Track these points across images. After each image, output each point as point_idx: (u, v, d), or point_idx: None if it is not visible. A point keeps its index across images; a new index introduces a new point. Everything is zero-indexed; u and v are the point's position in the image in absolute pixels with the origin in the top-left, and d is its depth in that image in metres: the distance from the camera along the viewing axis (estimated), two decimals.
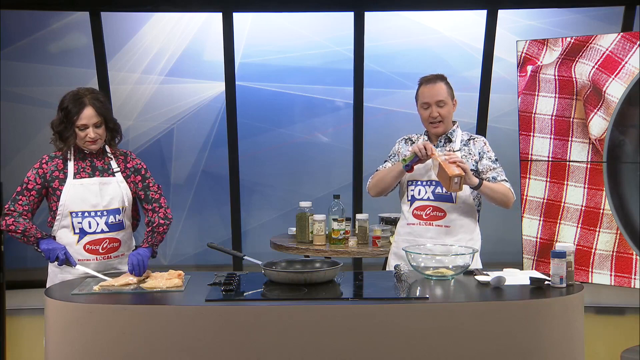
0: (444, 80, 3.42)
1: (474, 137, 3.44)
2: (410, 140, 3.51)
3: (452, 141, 3.38)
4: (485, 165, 3.36)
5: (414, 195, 3.36)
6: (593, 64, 4.22)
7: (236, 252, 3.30)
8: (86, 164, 3.04)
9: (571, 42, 4.28)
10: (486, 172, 3.34)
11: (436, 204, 3.31)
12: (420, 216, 3.34)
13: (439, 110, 3.33)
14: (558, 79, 4.34)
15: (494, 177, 3.33)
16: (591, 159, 4.29)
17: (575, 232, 4.34)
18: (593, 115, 4.25)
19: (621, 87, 4.13)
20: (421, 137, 3.47)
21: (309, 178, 5.88)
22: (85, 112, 2.95)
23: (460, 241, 3.27)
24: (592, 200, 4.29)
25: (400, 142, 3.54)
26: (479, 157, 3.37)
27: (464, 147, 3.38)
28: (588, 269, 4.33)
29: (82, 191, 2.99)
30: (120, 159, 3.11)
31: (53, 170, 3.00)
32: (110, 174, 3.06)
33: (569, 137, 4.34)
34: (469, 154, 3.37)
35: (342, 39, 5.67)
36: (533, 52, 4.42)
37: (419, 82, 3.45)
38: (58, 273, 3.00)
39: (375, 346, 2.42)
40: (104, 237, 3.02)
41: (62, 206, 2.97)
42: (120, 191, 3.05)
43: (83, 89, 3.03)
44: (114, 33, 5.59)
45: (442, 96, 3.34)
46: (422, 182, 3.35)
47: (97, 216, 3.00)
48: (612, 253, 4.24)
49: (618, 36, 4.15)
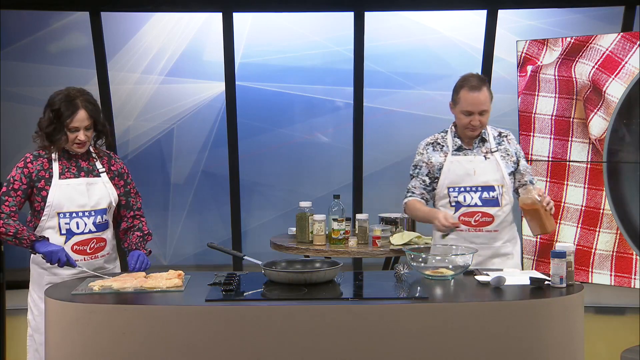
0: (486, 84, 3.25)
1: (503, 133, 3.34)
2: (438, 144, 3.33)
3: (486, 141, 3.29)
4: (523, 167, 3.30)
5: (459, 201, 3.25)
6: (593, 64, 4.22)
7: (236, 252, 3.30)
8: (71, 164, 2.99)
9: (571, 42, 4.29)
10: (524, 176, 3.30)
11: (485, 210, 3.23)
12: (468, 222, 3.24)
13: (481, 118, 3.20)
14: (558, 79, 4.34)
15: (530, 181, 3.30)
16: (591, 159, 4.29)
17: (575, 232, 4.34)
18: (593, 115, 4.25)
19: (621, 87, 4.13)
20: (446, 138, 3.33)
21: (309, 178, 5.87)
22: (79, 115, 2.90)
23: (507, 243, 3.26)
24: (592, 200, 4.29)
25: (426, 149, 3.36)
26: (517, 158, 3.30)
27: (499, 146, 3.28)
28: (588, 269, 4.33)
29: (69, 191, 2.95)
30: (104, 160, 3.08)
31: (39, 170, 2.94)
32: (96, 175, 3.02)
33: (569, 137, 4.34)
34: (507, 154, 3.28)
35: (342, 39, 5.67)
36: (533, 52, 4.42)
37: (460, 84, 3.25)
38: (45, 275, 2.95)
39: (375, 346, 2.42)
40: (91, 237, 2.99)
41: (48, 207, 2.91)
42: (107, 191, 3.03)
43: (73, 90, 2.96)
44: (114, 33, 5.59)
45: (486, 105, 3.21)
46: (467, 187, 3.24)
47: (84, 216, 2.96)
48: (612, 253, 4.24)
49: (618, 36, 4.15)
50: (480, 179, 3.24)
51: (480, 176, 3.24)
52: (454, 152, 3.29)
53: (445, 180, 3.27)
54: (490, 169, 3.25)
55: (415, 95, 5.77)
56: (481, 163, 3.25)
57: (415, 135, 5.86)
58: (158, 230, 5.92)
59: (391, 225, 4.15)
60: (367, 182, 5.76)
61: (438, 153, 3.31)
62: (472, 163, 3.25)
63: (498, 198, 3.23)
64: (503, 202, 3.24)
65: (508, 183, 3.25)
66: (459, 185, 3.26)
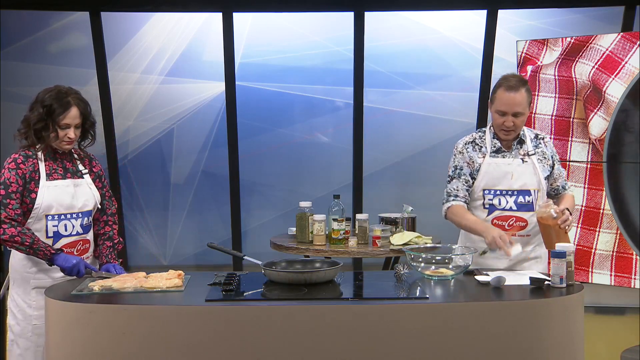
0: (525, 86, 3.12)
1: (540, 135, 3.26)
2: (477, 144, 3.22)
3: (524, 142, 3.20)
4: (557, 171, 3.24)
5: (493, 204, 3.17)
6: (593, 64, 4.22)
7: (236, 252, 3.30)
8: (57, 165, 2.95)
9: (571, 42, 4.29)
10: (557, 180, 3.24)
11: (519, 215, 3.15)
12: (502, 226, 3.15)
13: (515, 120, 3.11)
14: (558, 79, 4.34)
15: (563, 186, 3.25)
16: (591, 159, 4.29)
17: (575, 232, 4.34)
18: (593, 115, 4.25)
19: (621, 87, 4.13)
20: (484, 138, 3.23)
21: (309, 178, 5.88)
22: (72, 112, 2.87)
23: (537, 247, 3.19)
24: (592, 200, 4.29)
25: (466, 148, 3.22)
26: (553, 162, 3.23)
27: (536, 148, 3.21)
28: (588, 269, 4.33)
29: (57, 193, 2.90)
30: (85, 162, 3.04)
31: (31, 171, 2.88)
32: (80, 176, 2.99)
33: (569, 137, 4.35)
34: (544, 157, 3.21)
35: (342, 39, 5.68)
36: (533, 52, 4.42)
37: (499, 83, 3.15)
38: (31, 279, 2.88)
39: (375, 346, 2.42)
40: (78, 239, 2.95)
41: (36, 209, 2.86)
42: (92, 193, 3.00)
43: (63, 87, 2.93)
44: (114, 33, 5.59)
45: (521, 107, 3.09)
46: (503, 191, 3.16)
47: (72, 218, 2.93)
48: (612, 253, 4.24)
49: (618, 36, 4.15)
50: (518, 182, 3.16)
51: (517, 180, 3.16)
52: (492, 154, 3.20)
53: (482, 182, 3.18)
54: (527, 173, 3.17)
55: (415, 95, 5.77)
56: (519, 166, 3.17)
57: (415, 135, 5.92)
58: (158, 230, 5.92)
59: (391, 225, 4.15)
60: (367, 182, 5.76)
61: (477, 153, 3.21)
62: (510, 166, 3.17)
63: (533, 203, 3.16)
64: (536, 206, 3.16)
65: (544, 187, 3.19)
66: (495, 188, 3.17)
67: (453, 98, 5.68)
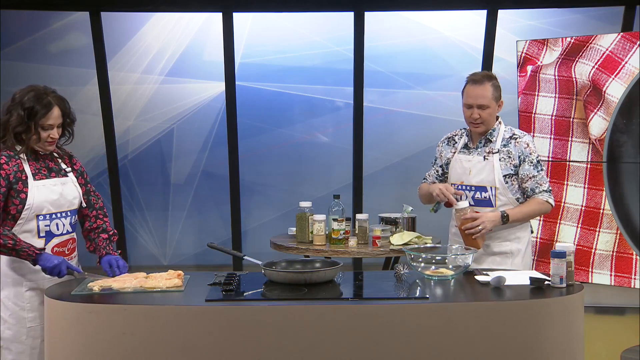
0: (491, 80, 3.27)
1: (517, 135, 3.30)
2: (453, 140, 3.41)
3: (491, 142, 3.29)
4: (526, 172, 3.25)
5: (456, 197, 3.27)
6: (593, 64, 4.22)
7: (236, 252, 3.30)
8: (41, 164, 2.90)
9: (571, 42, 4.29)
10: (525, 181, 3.25)
11: (477, 209, 3.23)
12: None
13: (480, 112, 3.23)
14: (558, 79, 4.34)
15: (532, 188, 3.24)
16: (591, 159, 4.29)
17: (575, 232, 4.34)
18: (593, 115, 4.25)
19: (621, 87, 4.13)
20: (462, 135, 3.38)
21: (309, 178, 5.88)
22: (54, 112, 2.82)
23: (506, 242, 3.25)
24: (592, 200, 4.29)
25: (443, 143, 3.44)
26: (520, 162, 3.25)
27: (504, 147, 3.27)
28: (588, 269, 4.33)
29: (46, 193, 2.86)
30: (66, 159, 3.01)
31: (16, 172, 2.82)
32: (64, 175, 2.96)
33: (569, 137, 4.35)
34: (508, 157, 3.26)
35: (342, 39, 5.68)
36: (533, 52, 4.42)
37: (467, 79, 3.31)
38: (24, 281, 2.83)
39: (375, 346, 2.42)
40: (68, 237, 2.93)
41: (27, 209, 2.81)
42: (77, 190, 2.98)
43: (40, 87, 2.86)
44: (114, 33, 5.59)
45: (485, 100, 3.23)
46: (463, 186, 3.30)
47: (62, 217, 2.90)
48: (612, 253, 4.24)
49: (618, 36, 4.15)
50: (475, 179, 3.28)
51: (475, 176, 3.29)
52: (461, 150, 3.36)
53: (450, 177, 3.36)
54: (485, 170, 3.27)
55: (415, 95, 5.77)
56: (478, 163, 3.29)
57: (415, 135, 5.93)
58: (158, 230, 5.92)
59: (391, 225, 4.15)
60: (367, 182, 5.77)
61: (450, 148, 3.40)
62: (470, 162, 3.30)
63: (491, 199, 3.25)
64: (498, 202, 3.25)
65: (502, 185, 3.25)
66: (457, 183, 3.32)
67: (453, 98, 5.67)
